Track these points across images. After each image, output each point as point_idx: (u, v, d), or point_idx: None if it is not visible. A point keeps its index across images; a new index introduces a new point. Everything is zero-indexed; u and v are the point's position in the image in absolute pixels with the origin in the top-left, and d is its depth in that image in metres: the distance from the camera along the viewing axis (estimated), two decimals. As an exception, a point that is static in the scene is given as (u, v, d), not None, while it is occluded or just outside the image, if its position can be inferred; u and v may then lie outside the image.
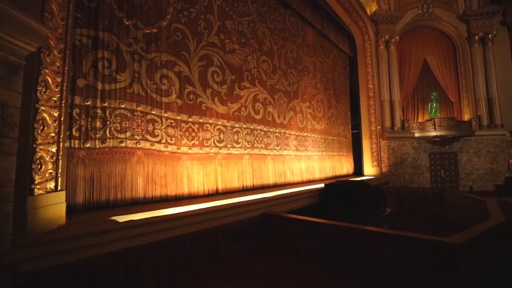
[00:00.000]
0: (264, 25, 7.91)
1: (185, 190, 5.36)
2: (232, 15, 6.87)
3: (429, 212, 8.19)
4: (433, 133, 12.47)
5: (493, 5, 13.49)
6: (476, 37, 13.35)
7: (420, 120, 13.76)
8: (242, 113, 6.77)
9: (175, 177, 5.21)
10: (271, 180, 7.31)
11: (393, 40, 13.60)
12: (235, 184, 6.43)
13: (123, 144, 4.51)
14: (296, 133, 8.69)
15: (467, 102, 13.54)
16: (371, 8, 13.44)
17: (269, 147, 7.42)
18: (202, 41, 5.99)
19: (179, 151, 5.34)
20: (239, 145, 6.64)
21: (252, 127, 6.97)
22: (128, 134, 4.59)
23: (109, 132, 4.36)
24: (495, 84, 13.07)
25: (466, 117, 13.38)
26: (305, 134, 9.17)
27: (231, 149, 6.42)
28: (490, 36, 13.25)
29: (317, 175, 9.52)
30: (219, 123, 6.22)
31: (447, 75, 13.84)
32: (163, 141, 5.10)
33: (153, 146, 4.92)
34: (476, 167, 13.02)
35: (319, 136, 10.02)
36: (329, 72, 11.31)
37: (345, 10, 11.38)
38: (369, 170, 12.48)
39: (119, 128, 4.48)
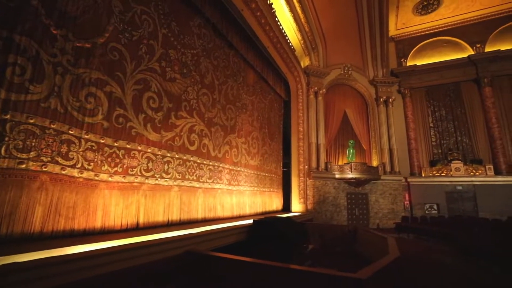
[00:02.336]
0: (208, 61, 8.20)
1: (97, 223, 4.68)
2: (177, 46, 6.95)
3: (346, 248, 8.97)
4: (350, 175, 14.24)
5: (392, 77, 17.15)
6: (381, 99, 16.54)
7: (340, 163, 15.62)
8: (175, 143, 6.55)
9: (87, 208, 4.52)
10: (200, 215, 7.02)
11: (320, 91, 15.69)
12: (160, 218, 5.93)
13: (23, 166, 3.78)
14: (230, 167, 8.77)
15: (375, 150, 16.13)
16: (305, 62, 15.46)
17: (201, 180, 7.24)
18: (141, 65, 5.81)
19: (96, 178, 4.74)
20: (169, 176, 6.30)
21: (185, 157, 6.76)
22: (32, 154, 3.89)
23: (5, 150, 3.63)
24: (394, 138, 16.08)
25: (375, 163, 15.82)
26: (239, 168, 9.33)
27: (159, 179, 6.02)
28: (390, 100, 16.61)
29: (247, 211, 9.58)
30: (149, 151, 5.85)
31: (361, 126, 16.43)
32: (78, 165, 4.48)
33: (63, 170, 4.25)
34: (381, 206, 15.15)
35: (252, 172, 10.32)
36: (265, 112, 12.14)
37: (283, 60, 12.77)
38: (296, 206, 13.22)
39: (20, 146, 3.77)
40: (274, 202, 12.23)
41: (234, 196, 8.86)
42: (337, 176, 14.54)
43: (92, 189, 4.66)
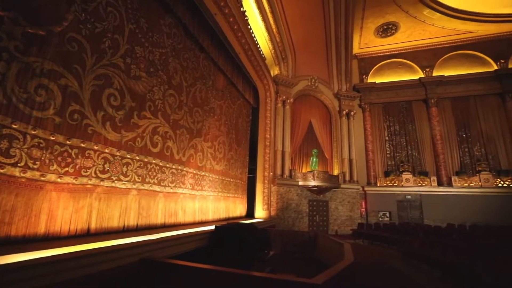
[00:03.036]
0: (177, 61, 8.00)
1: (41, 229, 4.22)
2: (144, 43, 6.67)
3: (306, 254, 9.22)
4: (312, 183, 14.77)
5: (354, 92, 18.33)
6: (344, 112, 17.54)
7: (304, 171, 16.14)
8: (137, 144, 6.23)
9: (28, 211, 4.06)
10: (159, 220, 6.71)
11: (288, 101, 16.17)
12: (114, 223, 5.54)
13: (-50, 163, 3.28)
14: (194, 172, 8.57)
15: (337, 160, 16.97)
16: (274, 71, 15.85)
17: (162, 184, 6.95)
18: (103, 60, 5.46)
19: (42, 178, 4.29)
20: (127, 178, 5.94)
21: (146, 160, 6.45)
22: (-38, 149, 3.40)
23: None
24: (354, 149, 17.10)
25: (336, 172, 16.62)
26: (203, 173, 9.15)
27: (116, 182, 5.65)
28: (352, 113, 17.69)
29: (210, 216, 9.40)
30: (107, 151, 5.47)
31: (324, 136, 17.20)
32: (21, 163, 4.02)
33: (2, 169, 3.78)
34: (340, 214, 15.91)
35: (217, 177, 10.19)
36: (233, 118, 12.14)
37: (254, 67, 12.94)
38: (260, 213, 13.31)
39: None
40: (238, 208, 12.18)
41: (197, 201, 8.64)
42: (300, 183, 14.98)
43: (36, 190, 4.20)
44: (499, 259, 5.47)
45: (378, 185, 17.35)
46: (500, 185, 15.48)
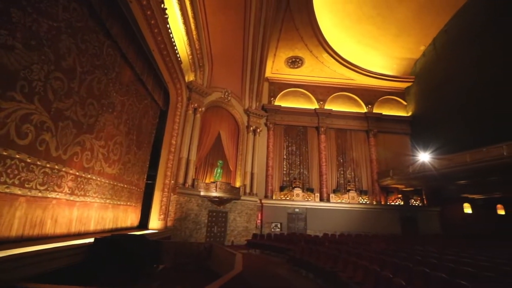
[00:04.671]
0: (73, 41, 6.74)
1: None
2: (26, 7, 5.35)
3: (200, 265, 9.02)
4: (215, 194, 14.84)
5: (262, 111, 19.88)
6: (251, 128, 18.69)
7: (207, 181, 16.06)
8: (-7, 131, 4.78)
9: None
10: (14, 232, 5.22)
11: (200, 109, 16.01)
12: None
13: None
14: (78, 173, 7.22)
15: (240, 173, 17.70)
16: (189, 77, 15.49)
17: (26, 185, 5.51)
18: (-48, 13, 4.04)
19: None
20: (-30, 175, 4.43)
21: (5, 153, 5.01)
22: None
23: None
24: (256, 164, 18.31)
25: (238, 184, 17.27)
26: (90, 176, 7.83)
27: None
28: (258, 130, 19.05)
29: (92, 227, 8.03)
30: None
31: (231, 149, 17.75)
32: None
33: None
34: (238, 225, 16.49)
35: (108, 182, 8.91)
36: (137, 118, 11.05)
37: (168, 68, 12.28)
38: (155, 223, 12.31)
39: None
40: (129, 218, 10.89)
41: (76, 209, 7.25)
42: (202, 193, 14.81)
43: None
44: (354, 262, 6.83)
45: (274, 198, 19.03)
46: (361, 201, 19.65)
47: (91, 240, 5.94)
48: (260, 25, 16.33)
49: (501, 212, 19.57)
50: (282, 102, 21.70)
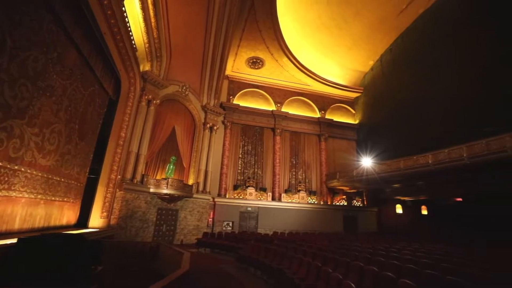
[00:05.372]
0: (3, 9, 5.82)
1: None
2: None
3: (145, 266, 8.57)
4: (165, 191, 14.24)
5: (220, 109, 19.70)
6: (208, 125, 18.38)
7: (158, 177, 15.33)
8: None
9: None
10: None
11: (154, 101, 15.20)
12: None
13: None
14: (0, 164, 6.26)
15: (193, 170, 17.28)
16: (145, 66, 14.59)
17: None
18: None
19: None
20: None
21: None
22: None
23: None
24: (211, 162, 18.08)
25: (191, 182, 16.84)
26: (17, 167, 6.85)
27: None
28: (215, 127, 18.82)
29: (17, 225, 7.04)
30: None
31: (186, 145, 17.22)
32: None
33: None
34: (189, 223, 16.08)
35: (41, 174, 7.90)
36: (81, 105, 10.00)
37: (120, 55, 11.38)
38: (96, 221, 11.31)
39: None
40: (65, 215, 9.81)
41: (-4, 204, 6.28)
42: (151, 190, 14.09)
43: None
44: (299, 259, 7.21)
45: (227, 197, 19.01)
46: (310, 201, 20.78)
47: (14, 240, 5.22)
48: (223, 21, 16.16)
49: (424, 212, 22.59)
50: (241, 101, 21.79)
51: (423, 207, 22.66)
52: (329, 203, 21.28)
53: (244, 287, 6.97)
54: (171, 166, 15.65)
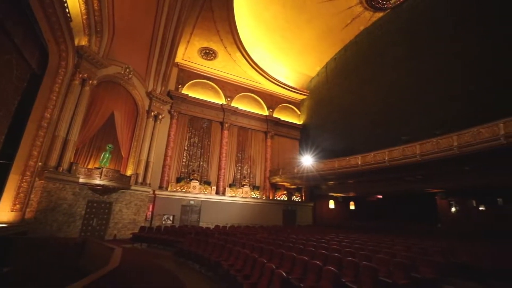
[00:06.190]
0: None
1: None
2: None
3: (68, 264, 7.68)
4: (98, 181, 12.95)
5: (167, 97, 18.70)
6: (153, 113, 17.29)
7: (90, 166, 13.85)
8: None
9: None
10: None
11: (91, 81, 13.62)
12: None
13: None
14: None
15: (133, 160, 16.08)
16: (81, 41, 12.92)
17: None
18: None
19: None
20: None
21: None
22: None
23: None
24: (153, 152, 17.09)
25: (129, 173, 15.65)
26: None
27: None
28: (160, 116, 17.81)
29: None
30: None
31: (125, 133, 15.89)
32: None
33: None
34: (124, 217, 14.96)
35: None
36: (-8, 75, 8.35)
37: (49, 23, 9.83)
38: (5, 215, 9.63)
39: None
40: (-38, 207, 8.14)
41: None
42: (81, 180, 12.66)
43: None
44: (237, 251, 7.39)
45: (169, 189, 18.26)
46: (253, 196, 21.35)
47: None
48: (176, 4, 15.33)
49: (352, 207, 25.40)
50: (190, 91, 21.04)
51: (352, 202, 25.42)
52: (271, 198, 22.20)
53: (180, 281, 6.85)
54: (107, 155, 14.27)
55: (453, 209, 18.79)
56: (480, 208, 17.44)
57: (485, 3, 13.49)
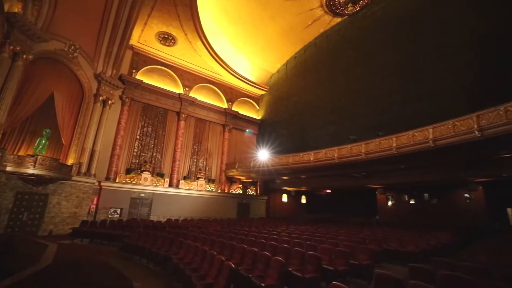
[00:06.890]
0: None
1: None
2: None
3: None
4: (31, 171, 11.49)
5: (119, 81, 17.28)
6: (101, 98, 15.80)
7: (22, 153, 12.19)
8: None
9: None
10: None
11: (25, 56, 11.91)
12: None
13: None
14: None
15: (75, 148, 14.58)
16: (13, 7, 11.16)
17: None
18: None
19: None
20: None
21: None
22: None
23: None
24: (100, 140, 15.70)
25: (70, 162, 14.17)
26: None
27: None
28: (110, 102, 16.38)
29: None
30: None
31: (67, 117, 14.29)
32: None
33: None
34: (62, 210, 13.55)
35: None
36: None
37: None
38: None
39: None
40: None
41: None
42: (9, 169, 11.08)
43: None
44: (188, 244, 7.28)
45: (117, 181, 17.05)
46: (208, 189, 21.12)
47: None
48: (132, -18, 14.14)
49: (304, 200, 26.82)
50: (145, 77, 19.74)
51: (303, 196, 26.82)
52: (226, 191, 22.21)
53: (125, 277, 6.50)
54: (43, 141, 12.67)
55: (390, 202, 21.11)
56: (411, 202, 19.90)
57: (419, 23, 15.39)
